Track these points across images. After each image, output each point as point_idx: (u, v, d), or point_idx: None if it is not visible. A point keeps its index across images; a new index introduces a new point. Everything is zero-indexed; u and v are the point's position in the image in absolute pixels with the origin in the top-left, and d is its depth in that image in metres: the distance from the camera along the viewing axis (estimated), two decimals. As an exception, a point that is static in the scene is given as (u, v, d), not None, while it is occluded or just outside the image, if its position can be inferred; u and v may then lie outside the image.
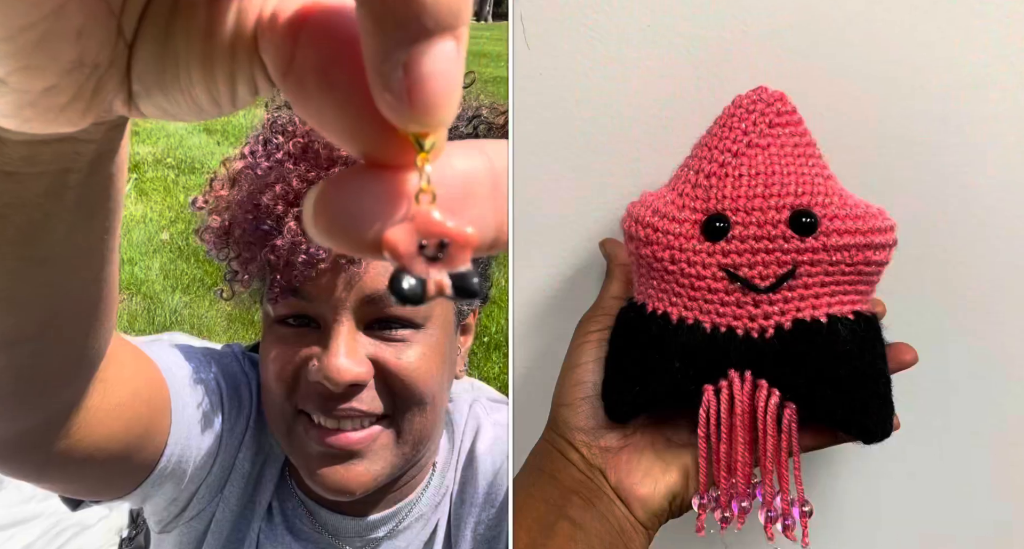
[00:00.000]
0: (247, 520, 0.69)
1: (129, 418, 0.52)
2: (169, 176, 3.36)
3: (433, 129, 0.18)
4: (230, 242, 0.62)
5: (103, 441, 0.50)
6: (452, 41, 0.17)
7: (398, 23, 0.17)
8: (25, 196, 0.28)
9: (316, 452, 0.62)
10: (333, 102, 0.19)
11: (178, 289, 2.79)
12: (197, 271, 2.86)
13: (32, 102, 0.21)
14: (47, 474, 0.50)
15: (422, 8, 0.16)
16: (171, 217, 3.39)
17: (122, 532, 1.82)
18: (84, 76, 0.21)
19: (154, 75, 0.22)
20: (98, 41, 0.20)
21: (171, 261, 2.97)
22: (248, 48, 0.21)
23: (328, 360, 0.58)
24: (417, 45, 0.17)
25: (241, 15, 0.21)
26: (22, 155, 0.26)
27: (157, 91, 0.22)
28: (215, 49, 0.21)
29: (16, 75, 0.20)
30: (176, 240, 3.17)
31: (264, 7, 0.20)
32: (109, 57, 0.21)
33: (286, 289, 0.59)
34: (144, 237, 3.21)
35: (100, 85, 0.21)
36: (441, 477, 0.71)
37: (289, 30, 0.20)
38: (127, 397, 0.51)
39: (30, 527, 1.72)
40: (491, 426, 0.72)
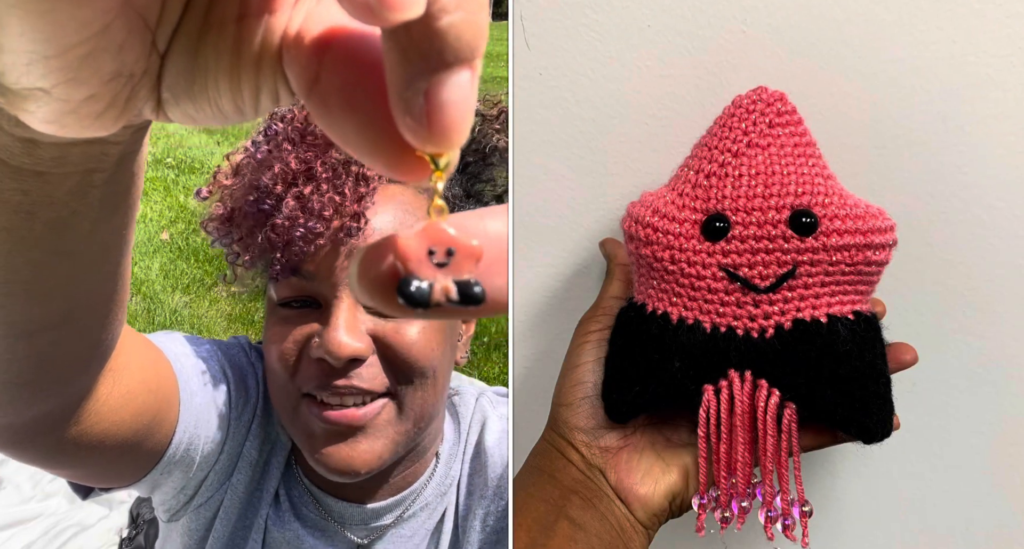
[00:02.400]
0: (255, 507, 0.70)
1: (137, 406, 0.54)
2: (169, 176, 3.36)
3: (448, 150, 0.20)
4: (233, 226, 0.64)
5: (112, 427, 0.51)
6: (468, 72, 0.19)
7: (422, 55, 0.18)
8: (54, 194, 0.29)
9: (320, 431, 0.63)
10: (355, 121, 0.20)
11: (178, 289, 2.79)
12: (197, 271, 2.86)
13: (73, 110, 0.22)
14: (58, 459, 0.52)
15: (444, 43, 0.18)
16: (171, 217, 3.39)
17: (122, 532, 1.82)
18: (120, 85, 0.22)
19: (183, 85, 0.23)
20: (135, 54, 0.22)
21: (171, 261, 2.97)
22: (273, 62, 0.22)
23: (329, 335, 0.60)
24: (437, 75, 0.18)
25: (267, 32, 0.22)
26: (53, 156, 0.27)
27: (185, 99, 0.23)
28: (242, 62, 0.22)
29: (61, 87, 0.21)
30: (176, 240, 3.17)
31: (289, 26, 0.22)
32: (143, 68, 0.22)
33: (287, 268, 0.61)
34: (144, 237, 3.21)
35: (134, 93, 0.23)
36: (447, 467, 0.72)
37: (314, 51, 0.21)
38: (136, 386, 0.53)
39: (30, 527, 1.73)
40: (498, 419, 0.73)
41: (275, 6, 0.22)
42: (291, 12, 0.22)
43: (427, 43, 0.18)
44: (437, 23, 0.18)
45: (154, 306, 2.51)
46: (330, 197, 0.60)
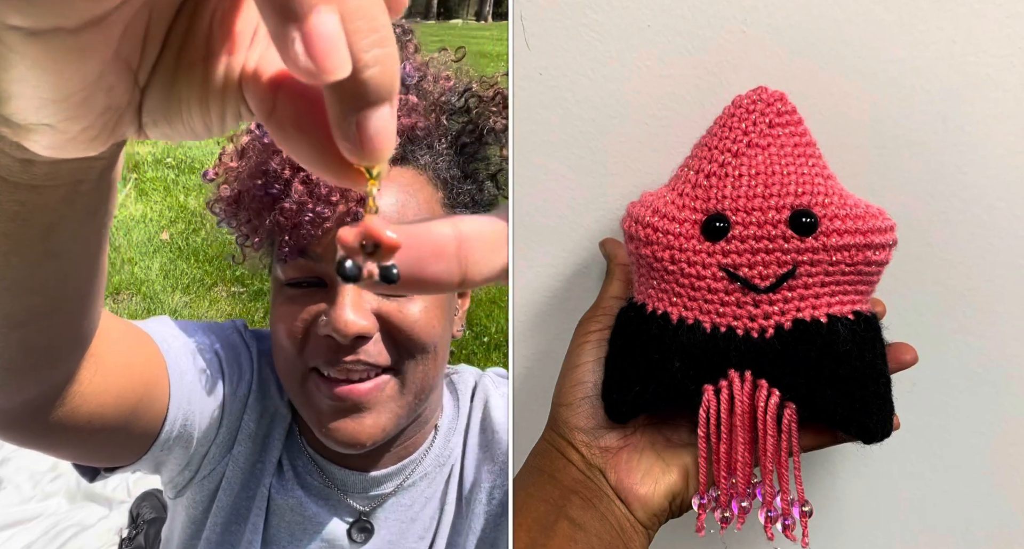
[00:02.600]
0: (257, 477, 0.74)
1: (121, 388, 0.57)
2: (169, 176, 3.36)
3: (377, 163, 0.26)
4: (240, 209, 0.66)
5: (97, 409, 0.55)
6: (387, 106, 0.24)
7: (352, 97, 0.24)
8: (47, 203, 0.34)
9: (327, 407, 0.66)
10: (306, 143, 0.26)
11: (178, 289, 2.79)
12: (197, 271, 2.86)
13: (71, 138, 0.27)
14: (49, 441, 0.55)
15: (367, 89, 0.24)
16: (171, 217, 3.39)
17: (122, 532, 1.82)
18: (110, 116, 0.27)
19: (161, 111, 0.29)
20: (122, 91, 0.27)
21: (171, 261, 2.98)
22: (235, 91, 0.28)
23: (336, 313, 0.63)
24: (364, 111, 0.24)
25: (229, 68, 0.28)
26: (46, 172, 0.32)
27: (163, 121, 0.29)
28: (209, 93, 0.28)
29: (63, 122, 0.26)
30: (176, 240, 3.17)
31: (247, 64, 0.27)
32: (128, 100, 0.28)
33: (295, 250, 0.64)
34: (144, 237, 3.21)
35: (121, 121, 0.28)
36: (445, 439, 0.77)
37: (270, 88, 0.27)
38: (118, 368, 0.57)
39: (30, 527, 1.73)
40: (500, 397, 0.77)
41: (234, 49, 0.28)
42: (247, 53, 0.28)
43: (355, 89, 0.24)
44: (361, 76, 0.23)
45: (154, 306, 2.51)
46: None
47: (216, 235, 3.21)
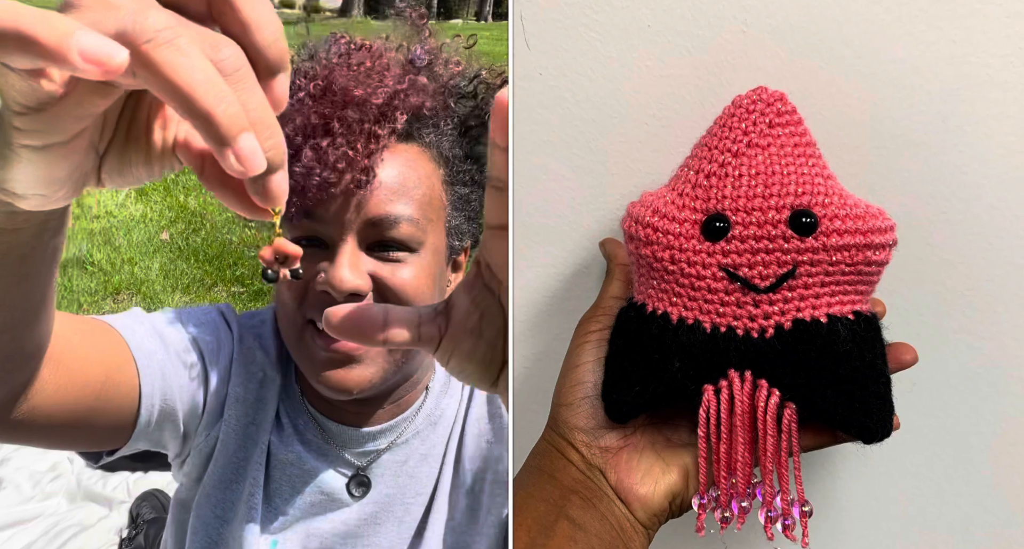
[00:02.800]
0: (252, 438, 0.80)
1: (84, 379, 0.63)
2: (169, 176, 3.36)
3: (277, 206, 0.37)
4: None
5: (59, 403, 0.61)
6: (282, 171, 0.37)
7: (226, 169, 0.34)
8: (23, 240, 0.45)
9: (321, 357, 0.73)
10: (229, 193, 0.38)
11: (178, 289, 2.79)
12: (197, 271, 2.86)
13: (52, 199, 0.39)
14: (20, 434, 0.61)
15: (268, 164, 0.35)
16: (171, 217, 3.39)
17: (122, 532, 1.82)
18: (80, 177, 0.39)
19: (116, 170, 0.40)
20: (89, 161, 0.39)
21: (171, 261, 2.97)
22: (170, 152, 0.40)
23: (333, 271, 0.70)
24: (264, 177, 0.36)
25: (165, 138, 0.40)
26: (24, 218, 0.43)
27: (116, 176, 0.41)
28: (152, 154, 0.40)
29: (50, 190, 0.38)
30: (176, 240, 3.17)
31: (178, 134, 0.40)
32: (92, 165, 0.39)
33: (301, 211, 0.70)
34: (144, 237, 3.21)
35: (86, 179, 0.40)
36: (436, 400, 0.84)
37: (198, 156, 0.39)
38: (77, 362, 0.62)
39: (30, 527, 1.73)
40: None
41: (166, 125, 0.40)
42: (177, 128, 0.40)
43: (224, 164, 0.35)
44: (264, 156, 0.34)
45: (154, 306, 2.51)
46: (344, 151, 0.68)
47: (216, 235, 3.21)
